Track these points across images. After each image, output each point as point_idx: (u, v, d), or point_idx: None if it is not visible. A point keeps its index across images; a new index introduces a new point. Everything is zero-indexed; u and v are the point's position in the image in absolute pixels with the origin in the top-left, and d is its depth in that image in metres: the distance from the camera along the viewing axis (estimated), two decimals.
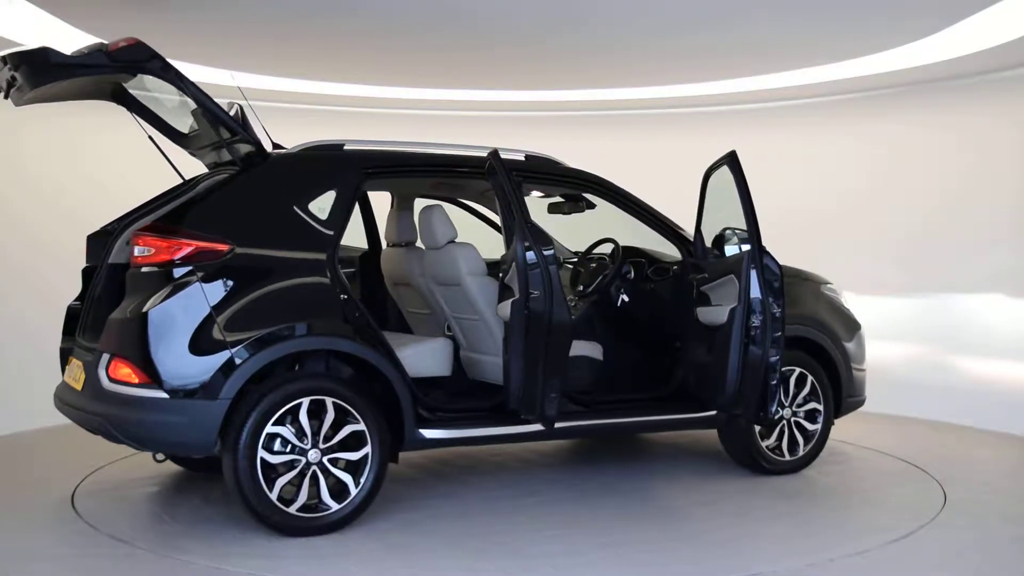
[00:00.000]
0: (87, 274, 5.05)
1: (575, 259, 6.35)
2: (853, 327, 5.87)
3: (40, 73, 4.35)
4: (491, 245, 6.36)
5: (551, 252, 4.48)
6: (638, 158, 9.10)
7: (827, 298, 5.82)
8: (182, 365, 4.27)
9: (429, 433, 4.69)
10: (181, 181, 5.11)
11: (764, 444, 5.45)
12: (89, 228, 5.14)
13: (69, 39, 6.72)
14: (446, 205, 6.18)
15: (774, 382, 4.85)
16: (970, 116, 7.84)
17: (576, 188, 5.65)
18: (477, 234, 6.17)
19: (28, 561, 4.17)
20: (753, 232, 4.88)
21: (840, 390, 5.68)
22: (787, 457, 5.52)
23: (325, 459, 4.40)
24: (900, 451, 6.15)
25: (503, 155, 5.09)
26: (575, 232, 6.33)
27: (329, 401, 4.41)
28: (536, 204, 6.46)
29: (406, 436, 4.63)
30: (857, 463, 5.92)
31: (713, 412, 5.15)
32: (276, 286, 4.46)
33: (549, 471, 5.79)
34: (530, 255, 4.47)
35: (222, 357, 4.27)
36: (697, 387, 5.16)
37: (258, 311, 4.39)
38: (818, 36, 6.79)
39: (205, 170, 5.29)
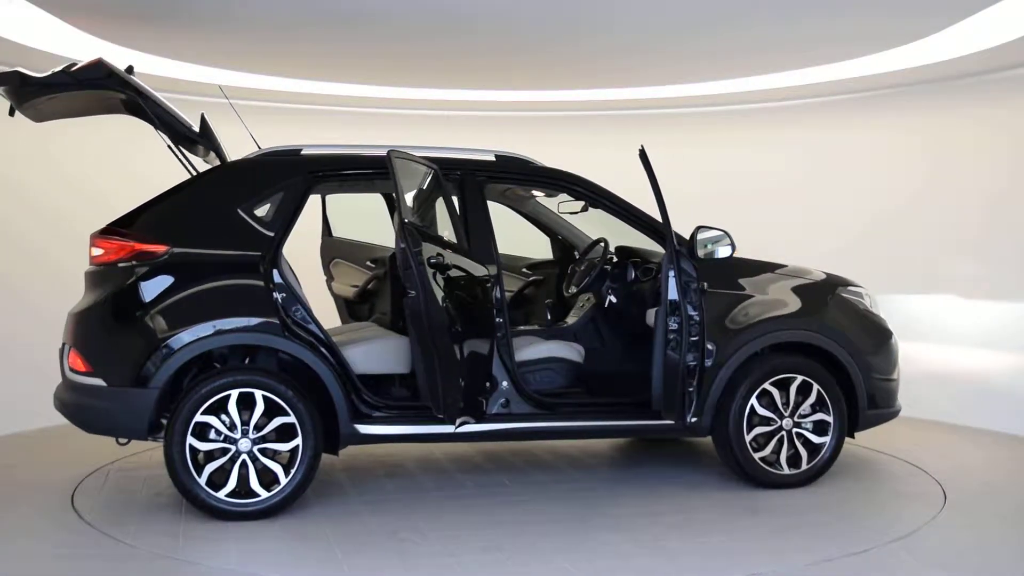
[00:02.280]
0: None
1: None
2: (878, 333, 5.52)
3: (18, 93, 4.82)
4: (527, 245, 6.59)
5: (418, 251, 4.42)
6: (637, 158, 9.12)
7: (843, 301, 5.50)
8: (119, 356, 4.71)
9: (365, 429, 4.85)
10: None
11: (757, 455, 5.17)
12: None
13: (69, 40, 6.73)
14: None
15: (691, 388, 4.78)
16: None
17: (549, 187, 5.65)
18: (515, 233, 6.36)
19: (28, 561, 4.18)
20: (668, 232, 4.77)
21: (857, 401, 5.31)
22: (786, 470, 5.21)
23: (255, 448, 4.62)
24: (900, 451, 6.14)
25: (474, 156, 5.28)
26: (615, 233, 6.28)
27: (258, 394, 4.63)
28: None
29: (341, 431, 4.80)
30: (857, 463, 5.89)
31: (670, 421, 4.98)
32: (207, 284, 4.78)
33: (537, 470, 5.75)
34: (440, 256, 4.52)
35: (152, 350, 4.64)
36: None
37: (186, 307, 4.72)
38: (840, 30, 6.73)
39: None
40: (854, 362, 5.32)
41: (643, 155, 4.83)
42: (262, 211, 4.89)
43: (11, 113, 5.03)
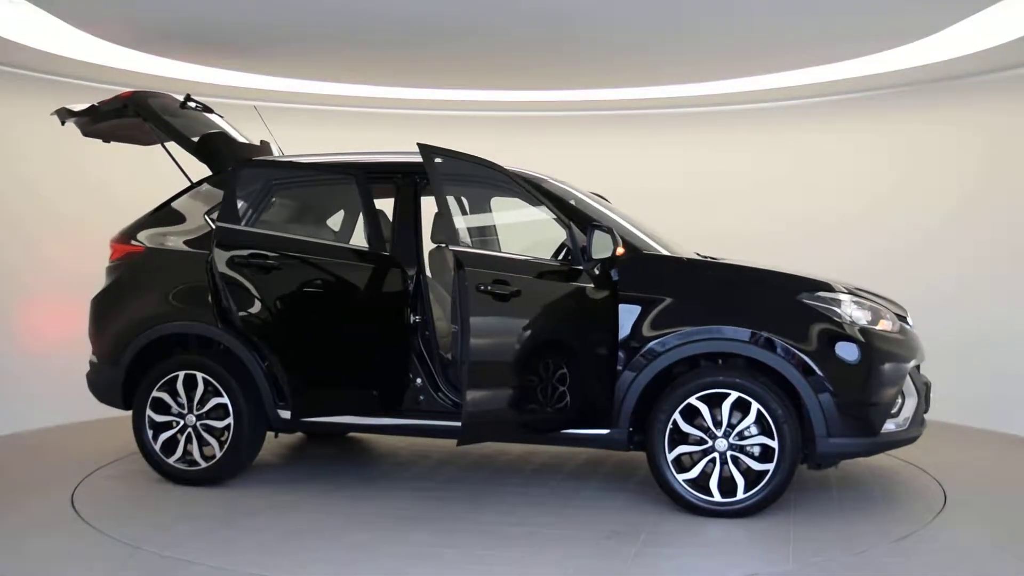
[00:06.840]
0: None
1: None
2: (859, 351, 4.65)
3: (80, 124, 5.80)
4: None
5: (208, 252, 4.85)
6: (637, 158, 9.11)
7: (803, 308, 4.71)
8: (104, 339, 5.65)
9: (286, 414, 5.21)
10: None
11: (680, 476, 4.71)
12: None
13: (71, 40, 6.73)
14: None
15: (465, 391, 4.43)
16: (989, 114, 7.64)
17: (492, 185, 5.45)
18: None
19: (28, 561, 4.18)
20: (451, 233, 4.60)
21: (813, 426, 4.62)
22: (716, 497, 4.66)
23: (199, 424, 5.30)
24: (900, 451, 6.12)
25: (416, 159, 5.22)
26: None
27: (199, 376, 5.30)
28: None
29: (267, 415, 5.30)
30: (856, 463, 5.90)
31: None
32: (161, 279, 5.48)
33: (501, 474, 5.74)
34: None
35: (117, 333, 5.54)
36: None
37: (142, 298, 5.52)
38: (822, 35, 6.78)
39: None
40: (805, 380, 4.63)
41: (423, 151, 4.67)
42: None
43: (106, 141, 6.10)
